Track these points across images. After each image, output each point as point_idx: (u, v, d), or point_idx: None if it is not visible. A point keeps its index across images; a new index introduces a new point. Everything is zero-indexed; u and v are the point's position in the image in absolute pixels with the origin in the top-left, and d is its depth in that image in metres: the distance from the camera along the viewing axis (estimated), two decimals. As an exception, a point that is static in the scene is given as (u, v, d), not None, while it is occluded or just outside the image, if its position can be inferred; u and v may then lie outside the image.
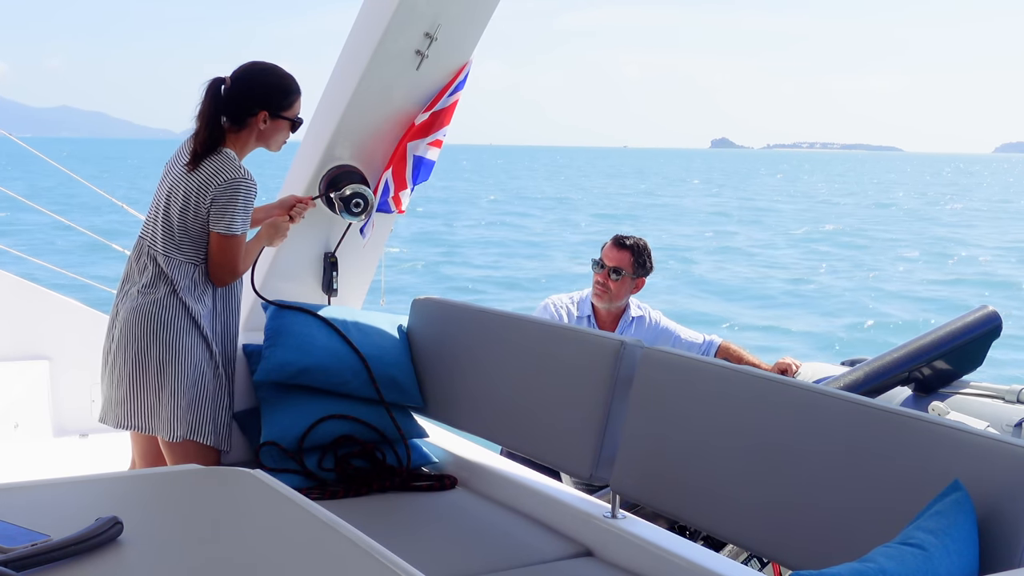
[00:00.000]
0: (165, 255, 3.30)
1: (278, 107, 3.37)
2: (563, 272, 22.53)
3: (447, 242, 28.49)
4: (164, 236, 3.31)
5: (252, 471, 2.09)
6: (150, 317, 3.28)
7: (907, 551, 1.71)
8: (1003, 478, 1.96)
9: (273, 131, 3.39)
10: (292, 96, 3.40)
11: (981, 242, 32.05)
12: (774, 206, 48.53)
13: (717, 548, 3.20)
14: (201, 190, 3.27)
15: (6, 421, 4.70)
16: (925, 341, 3.79)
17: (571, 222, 36.57)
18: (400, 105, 3.88)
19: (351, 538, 1.73)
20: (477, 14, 3.82)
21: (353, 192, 3.82)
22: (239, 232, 3.31)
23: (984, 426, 3.34)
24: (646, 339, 4.49)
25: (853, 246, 30.04)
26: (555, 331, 3.32)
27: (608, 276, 4.46)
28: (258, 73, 3.38)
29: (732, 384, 2.60)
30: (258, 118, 3.34)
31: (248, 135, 3.37)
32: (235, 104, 3.33)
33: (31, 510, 1.78)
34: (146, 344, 3.28)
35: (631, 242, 4.51)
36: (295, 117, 3.43)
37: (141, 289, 3.32)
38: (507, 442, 3.42)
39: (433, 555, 2.84)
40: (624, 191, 60.25)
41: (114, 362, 3.35)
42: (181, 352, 3.29)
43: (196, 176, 3.28)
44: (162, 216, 3.33)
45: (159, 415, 3.31)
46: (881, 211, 46.97)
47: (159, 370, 3.28)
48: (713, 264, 24.93)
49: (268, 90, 3.35)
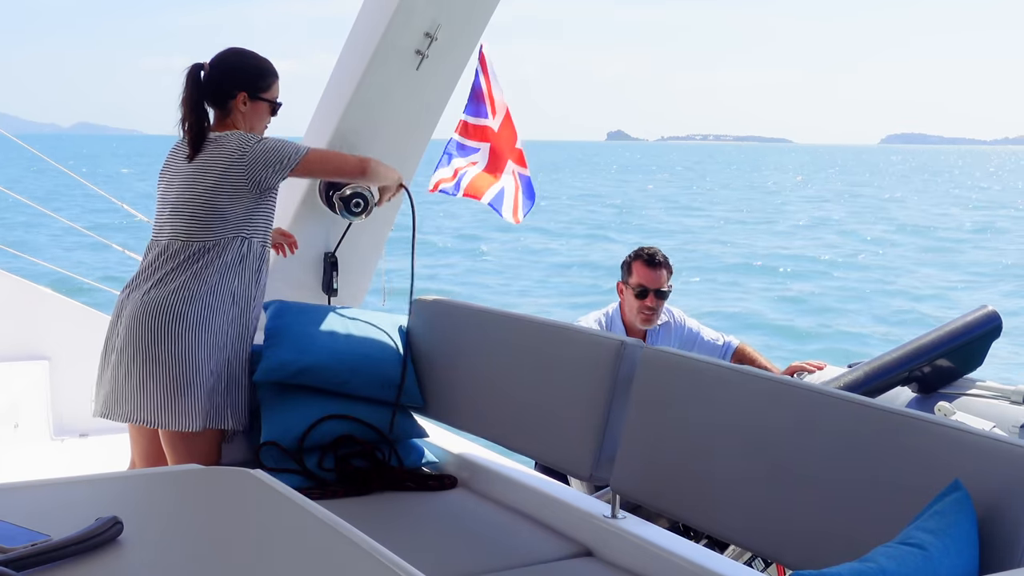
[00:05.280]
0: (201, 241, 3.33)
1: (256, 88, 3.45)
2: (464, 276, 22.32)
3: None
4: (198, 224, 3.33)
5: (252, 471, 2.08)
6: (164, 311, 3.29)
7: (907, 551, 1.71)
8: (1003, 478, 1.96)
9: (254, 114, 3.46)
10: (269, 78, 3.49)
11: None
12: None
13: (721, 549, 3.20)
14: (224, 168, 3.31)
15: (6, 421, 4.70)
16: (925, 341, 3.78)
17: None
18: (400, 105, 3.88)
19: (351, 538, 1.73)
20: (477, 14, 3.83)
21: (353, 192, 3.82)
22: (303, 151, 3.37)
23: (990, 427, 3.33)
24: (675, 343, 4.50)
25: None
26: (555, 331, 3.32)
27: (655, 300, 4.41)
28: (234, 56, 3.49)
29: (732, 384, 2.59)
30: (238, 100, 3.42)
31: (232, 121, 3.44)
32: (215, 87, 3.43)
33: (31, 510, 1.78)
34: (160, 337, 3.29)
35: (662, 257, 4.45)
36: (274, 99, 3.50)
37: (155, 284, 3.34)
38: (507, 442, 3.42)
39: (433, 555, 2.84)
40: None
41: (120, 358, 3.35)
42: (196, 343, 3.30)
43: (212, 161, 3.33)
44: (185, 209, 3.35)
45: (174, 408, 3.31)
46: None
47: (174, 364, 3.29)
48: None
49: (245, 72, 3.45)
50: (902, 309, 18.24)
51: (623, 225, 32.84)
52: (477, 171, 4.35)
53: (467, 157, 4.31)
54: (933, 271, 23.21)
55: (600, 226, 32.02)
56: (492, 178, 4.36)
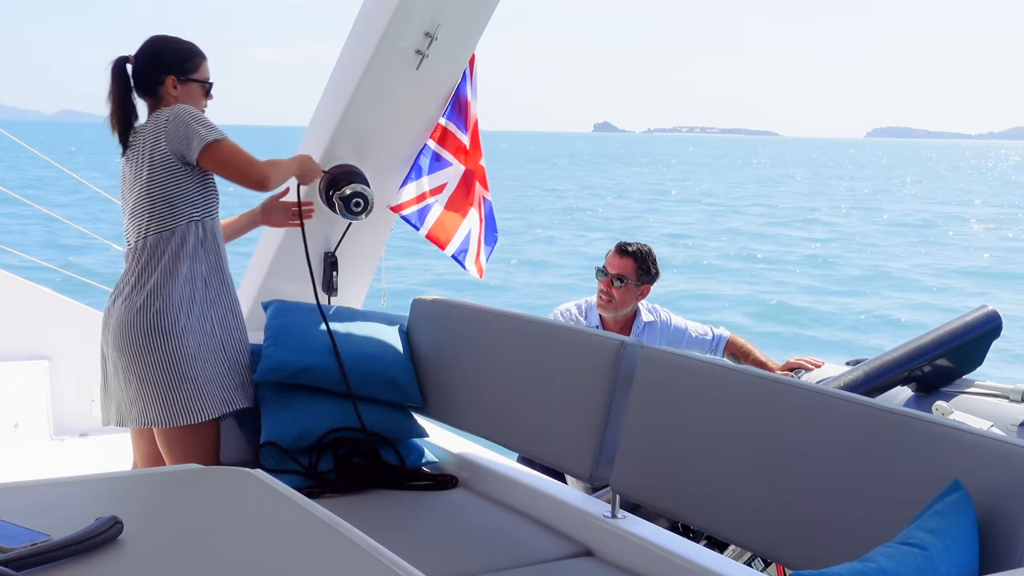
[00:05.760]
0: (158, 233, 3.32)
1: (183, 70, 3.41)
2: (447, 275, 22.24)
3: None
4: (149, 216, 3.32)
5: (252, 471, 2.08)
6: (144, 313, 3.30)
7: (907, 551, 1.71)
8: (1003, 478, 1.96)
9: (187, 97, 3.41)
10: (196, 59, 3.45)
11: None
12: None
13: (721, 549, 3.20)
14: (152, 144, 3.29)
15: (6, 421, 4.70)
16: (925, 340, 3.78)
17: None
18: (400, 105, 3.88)
19: (351, 538, 1.73)
20: (477, 14, 3.82)
21: (353, 192, 3.82)
22: (219, 136, 3.31)
23: (988, 426, 3.33)
24: (661, 343, 4.48)
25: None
26: (555, 331, 3.32)
27: (611, 284, 4.41)
28: (158, 42, 3.46)
29: (732, 384, 2.59)
30: (167, 85, 3.39)
31: (166, 107, 3.38)
32: (142, 76, 3.41)
33: (31, 510, 1.78)
34: (147, 340, 3.30)
35: (634, 248, 4.46)
36: (205, 80, 3.46)
37: (132, 288, 3.35)
38: (507, 442, 3.42)
39: (433, 555, 2.84)
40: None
41: (115, 368, 3.38)
42: (183, 336, 3.31)
43: (139, 144, 3.32)
44: (138, 206, 3.35)
45: (181, 403, 3.33)
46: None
47: (167, 362, 3.30)
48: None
49: (171, 55, 3.42)
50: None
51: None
52: (442, 208, 4.17)
53: (437, 175, 4.17)
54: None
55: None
56: (458, 217, 4.23)
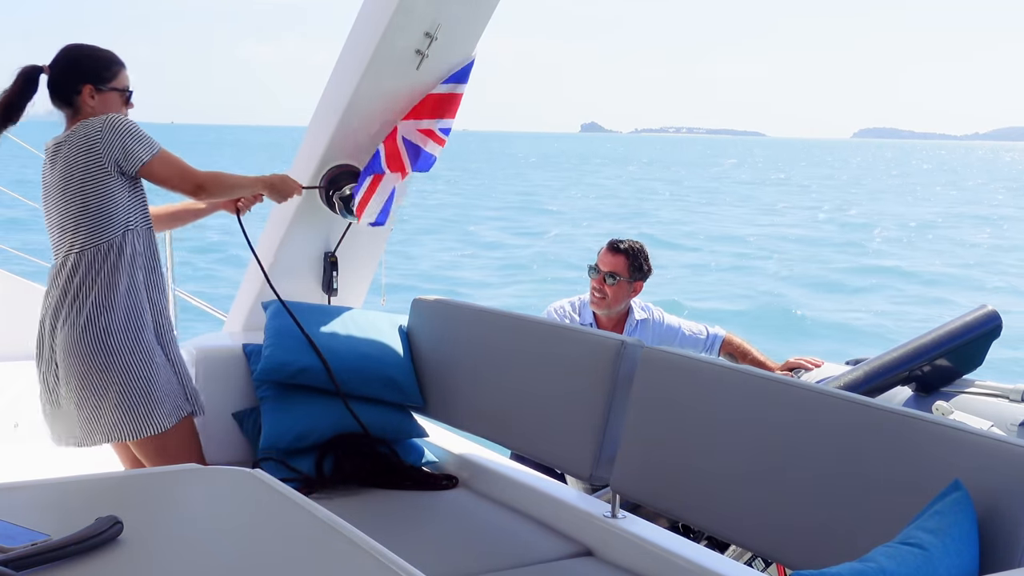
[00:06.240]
0: (95, 247, 3.21)
1: (100, 79, 3.30)
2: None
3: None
4: (86, 229, 3.22)
5: (252, 471, 2.09)
6: (90, 330, 3.21)
7: (907, 551, 1.71)
8: (1003, 478, 1.96)
9: (105, 106, 3.30)
10: (114, 67, 3.34)
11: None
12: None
13: (721, 549, 3.20)
14: (86, 155, 3.18)
15: (6, 421, 4.70)
16: (925, 340, 3.78)
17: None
18: (400, 105, 3.87)
19: (351, 538, 1.73)
20: (477, 14, 3.82)
21: (353, 192, 3.81)
22: (159, 147, 3.25)
23: (988, 425, 3.33)
24: (653, 341, 4.47)
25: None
26: (555, 331, 3.32)
27: (604, 281, 4.41)
28: (74, 50, 3.36)
29: (732, 384, 2.59)
30: (84, 94, 3.28)
31: (85, 118, 3.27)
32: (59, 85, 3.30)
33: (31, 510, 1.79)
34: (97, 359, 3.21)
35: (626, 246, 4.47)
36: (124, 88, 3.36)
37: (72, 308, 3.24)
38: (507, 442, 3.42)
39: (433, 555, 2.84)
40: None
41: (68, 391, 3.28)
42: (133, 348, 3.23)
43: (66, 155, 3.21)
44: (68, 221, 3.24)
45: (142, 415, 3.24)
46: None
47: (121, 378, 3.22)
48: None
49: (88, 62, 3.32)
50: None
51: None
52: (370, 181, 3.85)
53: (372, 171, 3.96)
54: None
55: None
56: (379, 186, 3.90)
